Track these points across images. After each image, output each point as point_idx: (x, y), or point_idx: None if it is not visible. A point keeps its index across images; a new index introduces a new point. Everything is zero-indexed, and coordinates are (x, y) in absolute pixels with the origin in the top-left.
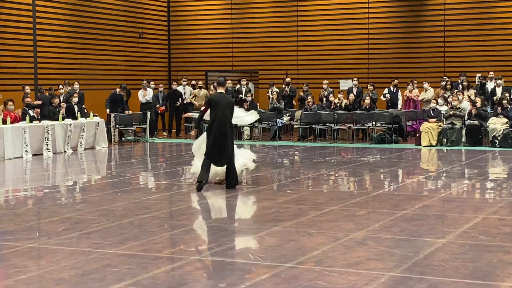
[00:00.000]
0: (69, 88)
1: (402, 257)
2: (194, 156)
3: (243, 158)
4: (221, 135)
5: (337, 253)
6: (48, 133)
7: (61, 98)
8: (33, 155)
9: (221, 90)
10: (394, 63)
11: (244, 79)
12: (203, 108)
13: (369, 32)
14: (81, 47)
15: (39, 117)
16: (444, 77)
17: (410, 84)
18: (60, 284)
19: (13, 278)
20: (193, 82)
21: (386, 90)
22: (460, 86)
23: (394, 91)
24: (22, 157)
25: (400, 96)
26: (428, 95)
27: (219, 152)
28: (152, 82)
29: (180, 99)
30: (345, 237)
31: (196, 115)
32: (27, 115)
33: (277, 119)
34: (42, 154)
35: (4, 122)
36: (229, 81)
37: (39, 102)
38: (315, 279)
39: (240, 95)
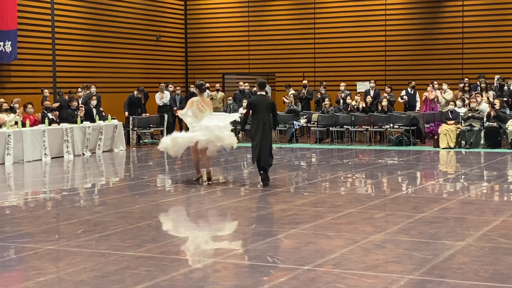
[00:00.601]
0: (87, 91)
1: (421, 260)
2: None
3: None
4: (262, 136)
5: (355, 256)
6: (67, 135)
7: (80, 101)
8: (52, 158)
9: (261, 92)
10: (411, 65)
11: None
12: (245, 111)
13: (387, 34)
14: (100, 51)
15: (58, 120)
16: (465, 79)
17: (430, 85)
18: (79, 286)
19: (32, 280)
20: (207, 84)
21: (403, 92)
22: (479, 88)
23: (412, 93)
24: (41, 159)
25: (418, 98)
26: (447, 97)
27: (261, 152)
28: (171, 85)
29: None
30: (364, 239)
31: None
32: (46, 118)
33: (294, 122)
34: (60, 157)
35: (24, 125)
36: (246, 84)
37: (57, 104)
38: (334, 281)
39: None
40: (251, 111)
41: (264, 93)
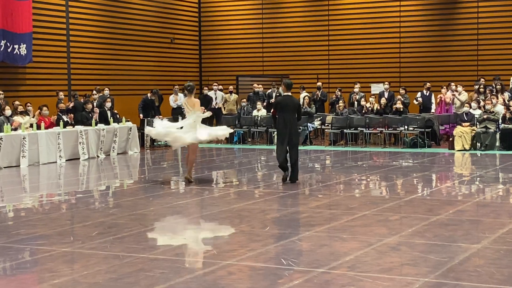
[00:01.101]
0: (101, 94)
1: (437, 262)
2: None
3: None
4: (288, 135)
5: (370, 258)
6: (82, 138)
7: (94, 104)
8: (66, 160)
9: (287, 93)
10: (426, 67)
11: (274, 84)
12: (272, 110)
13: (401, 36)
14: (114, 53)
15: (73, 123)
16: (481, 79)
17: (445, 88)
18: None
19: (47, 282)
20: (220, 87)
21: (419, 94)
22: (494, 90)
23: (427, 94)
24: (56, 162)
25: (433, 100)
26: (462, 98)
27: (285, 151)
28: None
29: (210, 104)
30: (378, 242)
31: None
32: (61, 120)
33: (308, 124)
34: (75, 159)
35: (39, 127)
36: (260, 86)
37: (72, 103)
38: (348, 284)
39: (270, 99)
40: (277, 111)
41: (290, 93)
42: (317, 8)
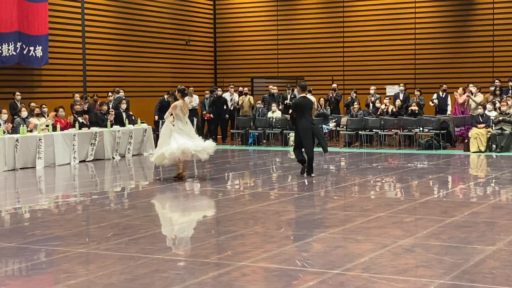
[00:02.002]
0: (116, 95)
1: (452, 264)
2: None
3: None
4: (308, 132)
5: (385, 260)
6: (95, 139)
7: (110, 105)
8: (81, 161)
9: (303, 94)
10: (441, 68)
11: (289, 85)
12: (291, 111)
13: (416, 37)
14: (129, 55)
15: (88, 124)
16: (496, 81)
17: (461, 89)
18: None
19: (63, 283)
20: (240, 88)
21: (435, 96)
22: (510, 91)
23: (443, 96)
24: (70, 163)
25: (449, 102)
26: (477, 99)
27: (309, 144)
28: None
29: (225, 105)
30: (393, 243)
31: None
32: (77, 122)
33: (323, 125)
34: (90, 160)
35: (54, 129)
36: (275, 88)
37: (86, 104)
38: (363, 286)
39: (285, 101)
40: (296, 112)
41: (305, 94)
42: (332, 10)
